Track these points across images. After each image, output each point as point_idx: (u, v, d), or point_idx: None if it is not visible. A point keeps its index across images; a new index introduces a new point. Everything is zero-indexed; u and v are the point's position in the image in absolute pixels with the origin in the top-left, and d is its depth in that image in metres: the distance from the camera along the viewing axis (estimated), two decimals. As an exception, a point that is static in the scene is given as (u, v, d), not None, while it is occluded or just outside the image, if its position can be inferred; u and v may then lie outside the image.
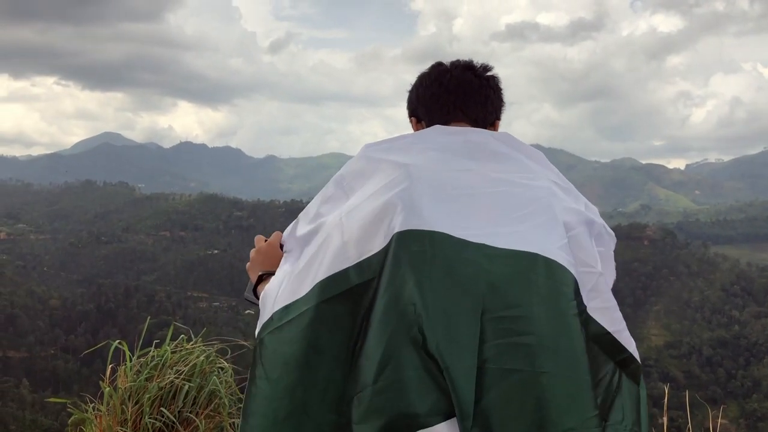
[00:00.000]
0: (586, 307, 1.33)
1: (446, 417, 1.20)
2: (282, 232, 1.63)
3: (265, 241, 1.72)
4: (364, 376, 1.25)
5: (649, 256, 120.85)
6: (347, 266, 1.33)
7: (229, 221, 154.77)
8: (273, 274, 1.55)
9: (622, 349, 1.46)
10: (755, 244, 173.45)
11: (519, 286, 1.26)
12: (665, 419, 3.51)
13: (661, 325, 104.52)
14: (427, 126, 1.59)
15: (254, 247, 1.73)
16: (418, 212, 1.30)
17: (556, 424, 1.20)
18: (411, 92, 1.66)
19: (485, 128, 1.59)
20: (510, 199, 1.36)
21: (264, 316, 1.46)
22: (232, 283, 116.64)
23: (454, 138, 1.48)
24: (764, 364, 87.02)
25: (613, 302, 1.48)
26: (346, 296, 1.32)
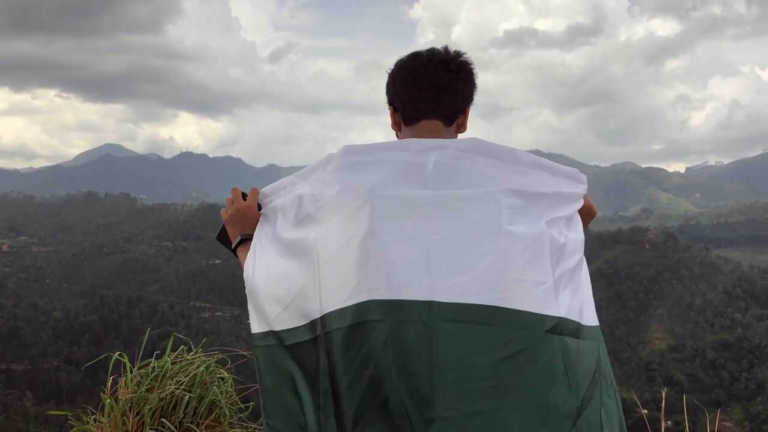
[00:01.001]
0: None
1: None
2: (259, 191, 1.81)
3: (243, 195, 1.82)
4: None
5: (650, 260, 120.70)
6: (314, 318, 1.47)
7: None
8: (250, 236, 1.77)
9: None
10: (756, 246, 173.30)
11: (464, 339, 1.34)
12: (662, 423, 3.53)
13: (664, 329, 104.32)
14: (403, 119, 1.70)
15: (235, 203, 1.85)
16: (383, 278, 1.39)
17: None
18: (389, 81, 1.72)
19: (456, 119, 1.67)
20: (457, 246, 1.41)
21: (256, 320, 1.63)
22: (235, 292, 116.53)
23: (418, 161, 1.51)
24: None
25: (586, 294, 1.54)
26: (310, 343, 1.48)
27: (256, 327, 1.63)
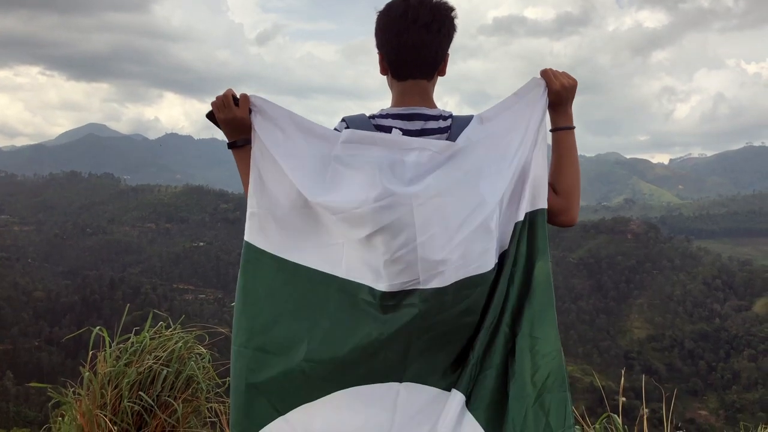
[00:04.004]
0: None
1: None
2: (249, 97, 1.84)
3: (235, 101, 1.83)
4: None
5: (632, 250, 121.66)
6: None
7: (215, 213, 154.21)
8: (248, 140, 1.85)
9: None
10: (737, 239, 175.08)
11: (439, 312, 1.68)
12: (644, 411, 3.63)
13: (643, 319, 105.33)
14: (391, 72, 1.90)
15: (228, 113, 1.84)
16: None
17: None
18: (376, 29, 1.89)
19: (437, 69, 1.88)
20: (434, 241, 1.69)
21: (257, 231, 1.81)
22: (218, 275, 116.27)
23: (397, 158, 1.71)
24: (744, 356, 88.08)
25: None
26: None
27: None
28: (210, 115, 1.88)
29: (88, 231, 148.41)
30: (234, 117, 1.84)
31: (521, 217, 1.76)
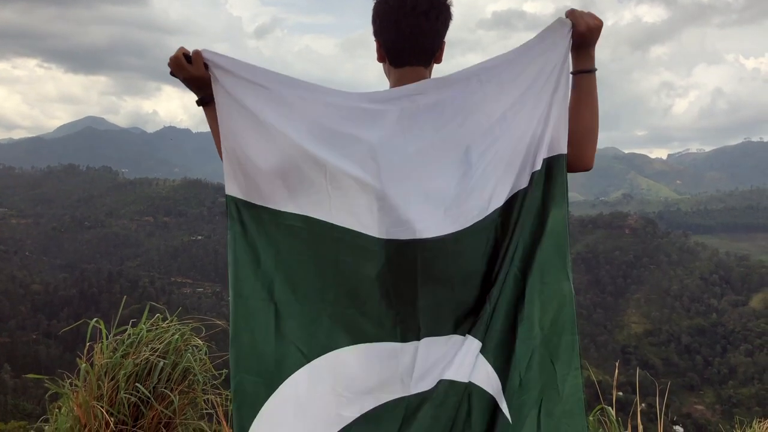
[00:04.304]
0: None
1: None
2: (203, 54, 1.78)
3: (188, 59, 1.78)
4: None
5: (630, 245, 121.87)
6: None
7: (213, 207, 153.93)
8: (211, 96, 1.78)
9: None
10: (734, 234, 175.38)
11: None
12: (638, 407, 3.64)
13: (641, 313, 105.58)
14: (388, 59, 1.91)
15: (185, 72, 1.80)
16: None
17: None
18: (374, 16, 1.90)
19: (434, 56, 1.90)
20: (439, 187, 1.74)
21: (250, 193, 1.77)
22: (216, 269, 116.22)
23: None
24: (740, 351, 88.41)
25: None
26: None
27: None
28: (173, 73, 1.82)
29: (86, 224, 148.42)
30: (191, 76, 1.80)
31: (538, 165, 1.76)
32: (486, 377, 1.72)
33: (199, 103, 1.89)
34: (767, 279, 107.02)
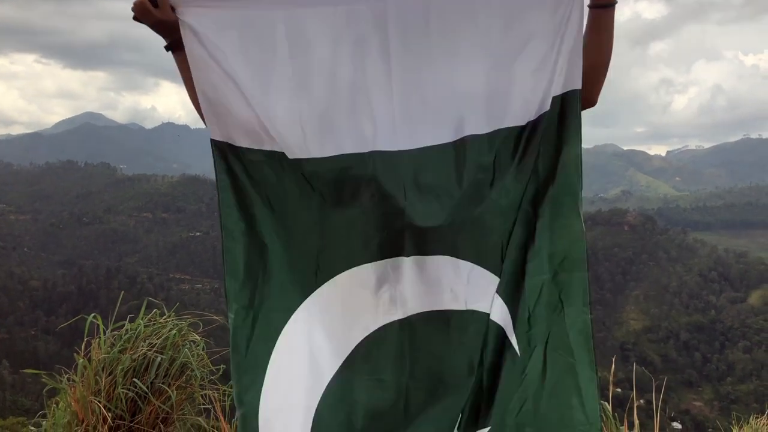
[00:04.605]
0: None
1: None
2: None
3: (153, 1, 1.72)
4: None
5: (629, 242, 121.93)
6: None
7: (211, 203, 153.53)
8: (178, 41, 1.76)
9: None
10: (733, 231, 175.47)
11: None
12: (634, 402, 3.64)
13: (639, 310, 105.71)
14: None
15: (151, 17, 1.76)
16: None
17: None
18: None
19: None
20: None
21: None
22: (215, 265, 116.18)
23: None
24: (739, 348, 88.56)
25: None
26: None
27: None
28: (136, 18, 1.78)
29: (84, 220, 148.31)
30: (158, 20, 1.73)
31: (548, 106, 1.76)
32: (498, 309, 1.76)
33: (167, 48, 1.82)
34: (766, 276, 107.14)
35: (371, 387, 1.80)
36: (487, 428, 1.79)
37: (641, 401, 3.73)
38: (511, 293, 1.77)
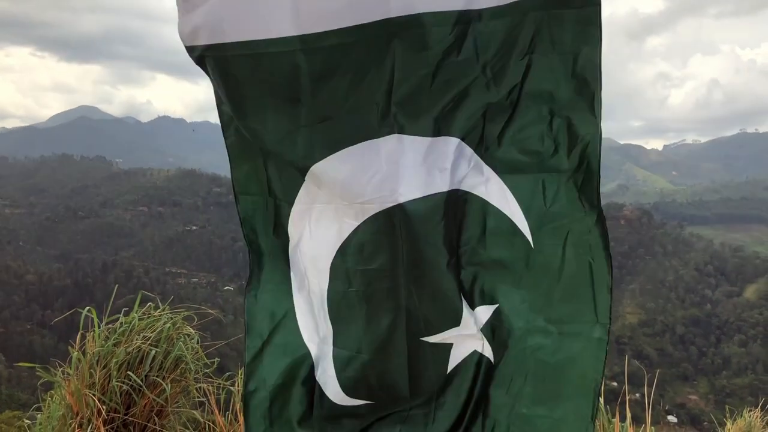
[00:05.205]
0: None
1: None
2: None
3: None
4: None
5: (625, 236, 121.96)
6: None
7: (207, 197, 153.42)
8: None
9: None
10: (729, 225, 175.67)
11: None
12: (626, 396, 3.66)
13: (636, 304, 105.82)
14: None
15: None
16: None
17: None
18: None
19: None
20: None
21: None
22: (211, 259, 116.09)
23: None
24: (734, 342, 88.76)
25: None
26: None
27: None
28: None
29: (80, 214, 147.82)
30: None
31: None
32: (496, 194, 1.81)
33: None
34: (761, 270, 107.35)
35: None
36: (495, 306, 1.87)
37: (637, 395, 3.74)
38: (522, 190, 1.81)
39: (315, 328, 2.11)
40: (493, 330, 1.90)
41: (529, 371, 1.88)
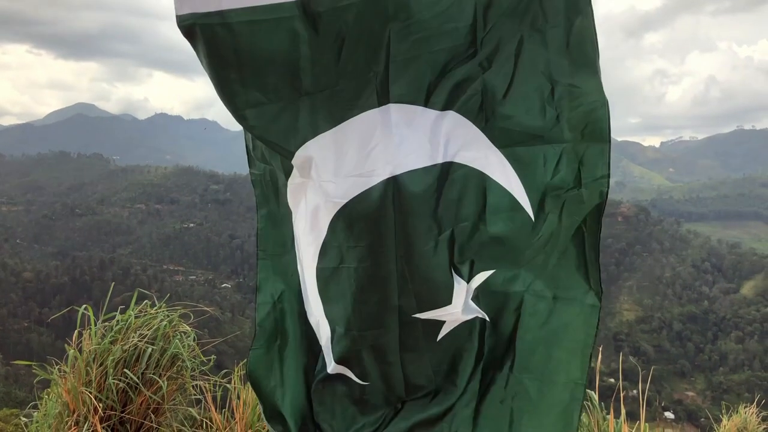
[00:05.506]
0: None
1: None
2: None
3: None
4: None
5: (622, 233, 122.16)
6: None
7: (205, 195, 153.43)
8: None
9: None
10: (726, 222, 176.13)
11: None
12: (621, 393, 3.66)
13: (633, 301, 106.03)
14: None
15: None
16: None
17: None
18: None
19: None
20: None
21: None
22: (209, 256, 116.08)
23: None
24: (731, 338, 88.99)
25: None
26: None
27: None
28: None
29: (77, 212, 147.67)
30: None
31: None
32: (496, 169, 1.82)
33: None
34: (758, 266, 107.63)
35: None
36: (492, 271, 1.90)
37: (634, 392, 3.75)
38: (521, 163, 1.81)
39: (310, 302, 2.22)
40: (487, 294, 1.93)
41: (523, 335, 1.92)
